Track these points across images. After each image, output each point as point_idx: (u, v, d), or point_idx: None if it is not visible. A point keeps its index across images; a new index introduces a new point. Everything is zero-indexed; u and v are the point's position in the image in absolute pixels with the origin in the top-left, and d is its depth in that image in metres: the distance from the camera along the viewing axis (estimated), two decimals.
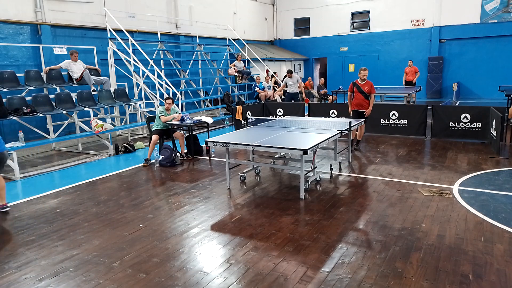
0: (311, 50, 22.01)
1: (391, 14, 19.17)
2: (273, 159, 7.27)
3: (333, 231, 4.36)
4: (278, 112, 11.78)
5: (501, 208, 4.87)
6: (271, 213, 4.95)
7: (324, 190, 5.83)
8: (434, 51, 18.30)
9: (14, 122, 8.33)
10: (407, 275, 3.42)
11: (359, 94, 8.12)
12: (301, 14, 21.89)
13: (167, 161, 7.48)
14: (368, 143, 9.14)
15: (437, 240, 4.08)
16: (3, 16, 10.10)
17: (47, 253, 4.04)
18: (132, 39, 11.98)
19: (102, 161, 8.22)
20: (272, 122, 7.48)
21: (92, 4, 12.21)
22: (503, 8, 16.65)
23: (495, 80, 16.93)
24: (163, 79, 11.66)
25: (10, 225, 4.83)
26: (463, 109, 9.17)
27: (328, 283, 3.33)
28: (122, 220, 4.87)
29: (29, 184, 6.69)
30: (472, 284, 3.26)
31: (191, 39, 16.36)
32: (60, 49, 10.47)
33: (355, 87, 8.18)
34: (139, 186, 6.30)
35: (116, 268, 3.68)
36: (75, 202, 5.59)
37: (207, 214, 5.02)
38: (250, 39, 20.30)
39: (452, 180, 6.09)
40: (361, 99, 8.14)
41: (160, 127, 7.96)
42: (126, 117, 11.19)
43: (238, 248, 4.03)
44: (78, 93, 9.65)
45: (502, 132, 7.71)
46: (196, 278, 3.48)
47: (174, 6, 15.50)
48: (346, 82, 19.68)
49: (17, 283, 3.48)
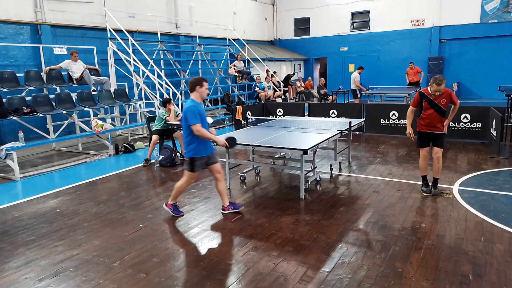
0: (311, 50, 22.01)
1: (391, 14, 19.17)
2: (273, 159, 7.27)
3: (333, 231, 4.36)
4: (278, 112, 11.78)
5: (501, 208, 4.87)
6: (271, 213, 4.95)
7: (324, 190, 5.82)
8: (434, 51, 18.30)
9: (14, 122, 8.33)
10: (407, 275, 3.41)
11: (431, 111, 5.41)
12: (301, 14, 21.89)
13: (167, 161, 7.48)
14: (368, 143, 9.14)
15: (437, 240, 4.08)
16: (3, 16, 10.10)
17: (47, 253, 4.04)
18: (132, 39, 11.98)
19: (102, 161, 8.22)
20: (272, 122, 7.48)
21: (92, 4, 12.21)
22: (503, 8, 16.65)
23: (495, 80, 16.92)
24: (163, 79, 11.66)
25: (10, 225, 4.83)
26: (463, 109, 9.17)
27: (328, 283, 3.33)
28: (122, 220, 4.87)
29: (29, 184, 6.69)
30: (472, 284, 3.25)
31: (191, 39, 16.36)
32: (60, 49, 10.46)
33: (424, 100, 5.47)
34: (139, 186, 6.30)
35: (116, 268, 3.68)
36: (75, 202, 5.59)
37: (207, 214, 5.02)
38: (250, 39, 20.30)
39: (452, 180, 6.08)
40: (436, 118, 5.41)
41: (160, 127, 7.96)
42: (126, 117, 11.19)
43: (238, 248, 4.03)
44: (78, 93, 9.65)
45: (502, 132, 7.70)
46: (196, 278, 3.47)
47: (174, 6, 15.50)
48: (346, 82, 19.67)
49: (17, 283, 3.48)
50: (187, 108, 4.51)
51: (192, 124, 4.46)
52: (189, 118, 4.47)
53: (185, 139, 4.65)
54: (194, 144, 4.61)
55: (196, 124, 4.46)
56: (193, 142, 4.60)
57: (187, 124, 4.52)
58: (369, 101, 14.27)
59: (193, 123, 4.46)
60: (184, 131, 4.63)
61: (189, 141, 4.62)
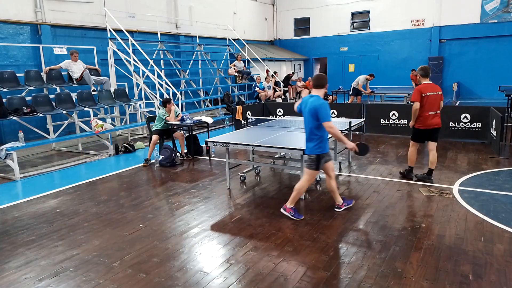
0: (311, 50, 22.02)
1: (391, 14, 19.17)
2: (273, 159, 7.27)
3: (333, 231, 4.36)
4: (278, 112, 11.78)
5: (501, 208, 4.87)
6: (271, 213, 4.95)
7: (324, 190, 5.82)
8: (434, 51, 18.30)
9: (14, 122, 8.33)
10: (407, 275, 3.41)
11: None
12: (301, 14, 21.90)
13: (167, 161, 7.48)
14: (368, 143, 9.12)
15: (437, 240, 4.08)
16: (3, 16, 10.10)
17: (47, 253, 4.04)
18: (132, 39, 11.98)
19: (102, 161, 8.22)
20: (272, 122, 7.48)
21: (92, 4, 12.21)
22: (503, 8, 16.65)
23: (495, 80, 16.92)
24: (163, 79, 11.66)
25: (10, 225, 4.83)
26: (463, 109, 9.17)
27: (328, 283, 3.33)
28: (122, 220, 4.87)
29: (29, 184, 6.69)
30: (472, 284, 3.25)
31: (191, 39, 16.36)
32: (60, 49, 10.46)
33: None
34: (139, 186, 6.30)
35: (116, 268, 3.68)
36: (75, 202, 5.59)
37: (207, 214, 5.02)
38: (250, 39, 20.30)
39: (452, 180, 6.08)
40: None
41: (160, 127, 7.96)
42: (126, 117, 11.19)
43: (238, 248, 4.03)
44: (78, 93, 9.64)
45: (502, 132, 7.70)
46: (196, 278, 3.48)
47: (174, 6, 15.51)
48: (346, 82, 19.67)
49: (17, 283, 3.48)
50: (320, 105, 4.41)
51: (326, 121, 4.39)
52: (324, 115, 4.39)
53: (311, 136, 4.56)
54: (320, 141, 4.55)
55: (329, 121, 4.40)
56: (320, 139, 4.54)
57: (316, 121, 4.45)
58: (369, 101, 14.27)
59: (328, 120, 4.40)
60: (311, 127, 4.53)
61: (317, 138, 4.54)
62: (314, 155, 4.58)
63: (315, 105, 4.43)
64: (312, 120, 4.48)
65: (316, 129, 4.50)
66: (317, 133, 4.52)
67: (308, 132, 4.58)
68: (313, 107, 4.43)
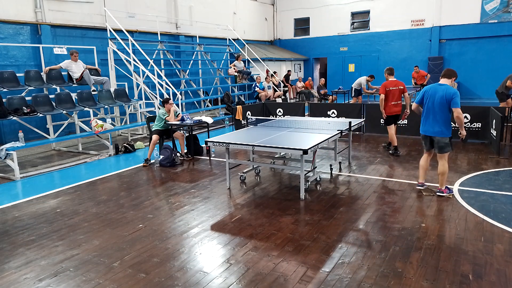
0: (311, 50, 22.02)
1: (391, 14, 19.17)
2: (273, 159, 7.27)
3: (333, 231, 4.36)
4: (278, 112, 11.78)
5: (501, 208, 4.87)
6: (271, 213, 4.95)
7: (324, 190, 5.83)
8: (434, 51, 18.30)
9: (14, 122, 8.33)
10: (407, 275, 3.41)
11: None
12: (301, 14, 21.90)
13: (167, 161, 7.48)
14: (368, 143, 9.14)
15: (437, 240, 4.08)
16: (3, 16, 10.10)
17: (47, 253, 4.04)
18: (132, 39, 11.98)
19: (102, 161, 8.22)
20: (272, 122, 7.48)
21: (92, 4, 12.21)
22: (503, 8, 16.65)
23: (495, 80, 16.85)
24: (163, 79, 11.66)
25: (10, 225, 4.83)
26: (463, 109, 9.12)
27: (328, 283, 3.33)
28: (122, 220, 4.87)
29: (29, 184, 6.69)
30: (472, 284, 3.25)
31: (191, 39, 16.37)
32: (60, 49, 10.46)
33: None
34: (139, 186, 6.30)
35: (116, 268, 3.68)
36: (75, 202, 5.59)
37: (207, 214, 5.02)
38: (250, 39, 20.30)
39: (452, 180, 6.08)
40: None
41: (160, 127, 7.96)
42: (126, 117, 11.19)
43: (238, 248, 4.03)
44: (78, 93, 9.65)
45: (502, 132, 7.70)
46: (196, 278, 3.48)
47: (174, 6, 15.51)
48: (346, 82, 19.70)
49: (17, 283, 3.48)
50: (455, 93, 4.99)
51: (458, 108, 4.96)
52: (457, 101, 4.96)
53: (443, 120, 5.12)
54: (450, 124, 5.16)
55: (459, 108, 4.97)
56: (449, 122, 5.15)
57: (448, 105, 5.03)
58: (369, 101, 14.27)
59: (459, 106, 4.96)
60: (442, 112, 5.09)
61: (448, 121, 5.14)
62: (447, 138, 5.17)
63: (450, 92, 5.01)
64: (445, 105, 5.05)
65: (447, 113, 5.10)
66: (447, 117, 5.12)
67: (439, 116, 5.13)
68: (448, 93, 5.01)
